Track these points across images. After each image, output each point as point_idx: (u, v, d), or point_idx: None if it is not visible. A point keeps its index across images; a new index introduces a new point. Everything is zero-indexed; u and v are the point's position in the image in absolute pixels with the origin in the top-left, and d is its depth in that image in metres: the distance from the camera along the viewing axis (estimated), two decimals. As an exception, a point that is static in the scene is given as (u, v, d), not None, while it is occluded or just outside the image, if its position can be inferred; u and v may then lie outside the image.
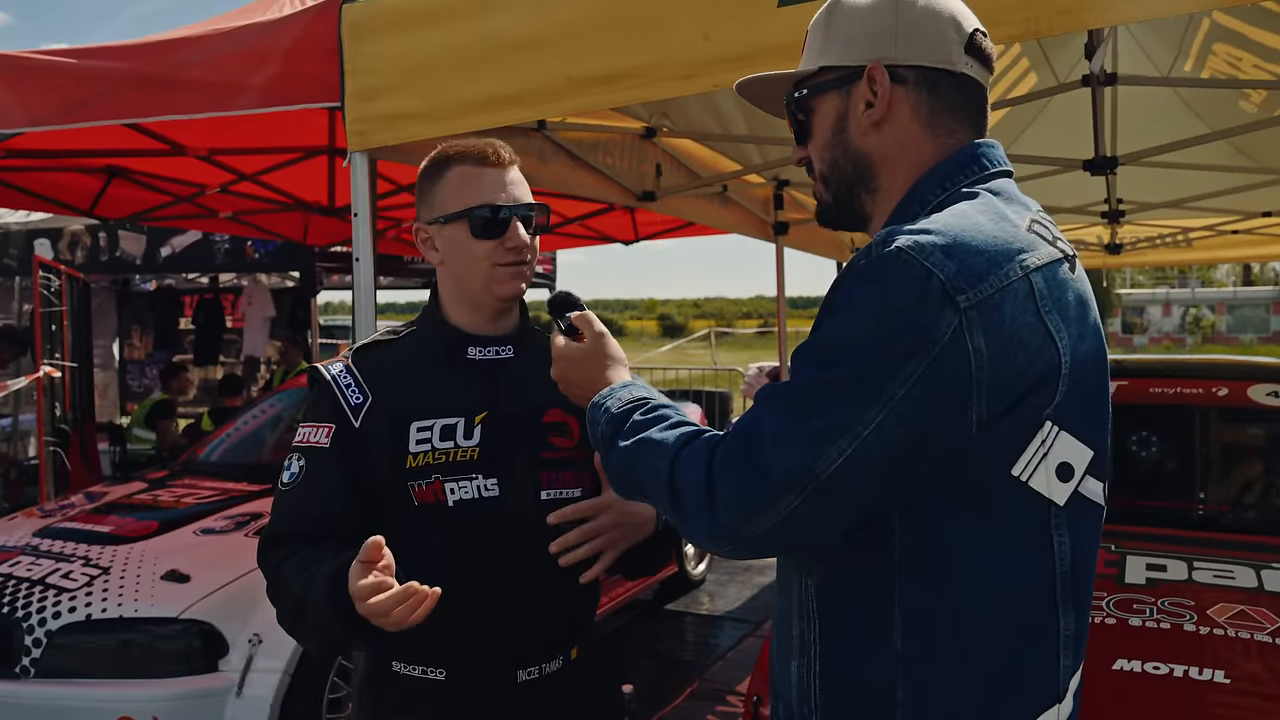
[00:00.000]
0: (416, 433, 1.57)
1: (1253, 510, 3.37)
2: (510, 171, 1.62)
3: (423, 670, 1.58)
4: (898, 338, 1.01)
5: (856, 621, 1.11)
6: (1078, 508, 1.11)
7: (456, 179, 1.60)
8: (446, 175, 1.61)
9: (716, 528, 1.07)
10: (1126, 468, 3.64)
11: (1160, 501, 3.42)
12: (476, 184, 1.58)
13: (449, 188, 1.60)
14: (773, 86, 1.31)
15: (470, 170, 1.59)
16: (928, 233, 1.05)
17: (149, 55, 2.99)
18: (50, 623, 3.20)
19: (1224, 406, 3.60)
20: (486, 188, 1.58)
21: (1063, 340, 1.07)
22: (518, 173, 1.64)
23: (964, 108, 1.21)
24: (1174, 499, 3.44)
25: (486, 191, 1.58)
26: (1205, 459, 3.57)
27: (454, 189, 1.59)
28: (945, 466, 1.05)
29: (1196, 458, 3.57)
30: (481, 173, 1.59)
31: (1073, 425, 1.08)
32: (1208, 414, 3.62)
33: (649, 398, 1.28)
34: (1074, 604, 1.12)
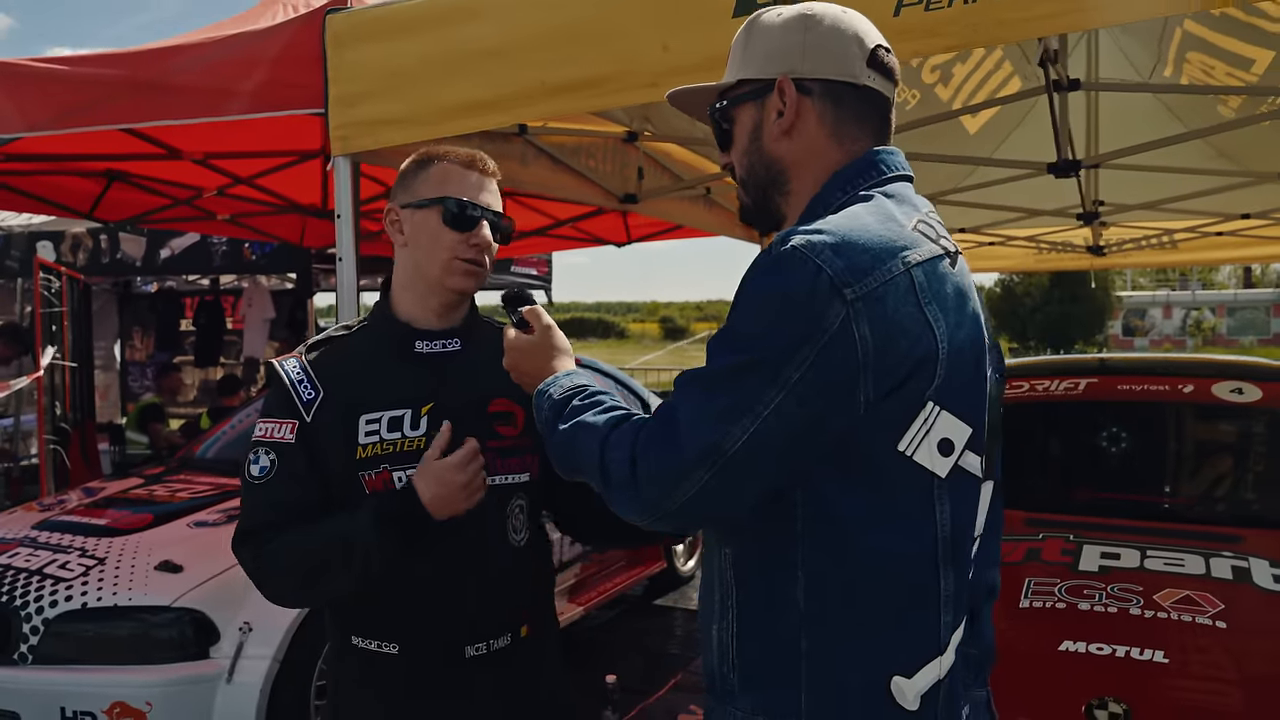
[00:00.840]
0: (365, 425, 1.66)
1: (1211, 502, 3.46)
2: (490, 182, 1.74)
3: (378, 644, 1.67)
4: (793, 327, 1.13)
5: (767, 585, 1.22)
6: (958, 479, 1.22)
7: (439, 173, 1.70)
8: (430, 169, 1.71)
9: (640, 502, 1.19)
10: (1092, 462, 3.74)
11: (1123, 494, 3.52)
12: (458, 181, 1.70)
13: (430, 179, 1.70)
14: (700, 97, 1.43)
15: (455, 169, 1.71)
16: (820, 233, 1.16)
17: (143, 62, 3.11)
18: (47, 611, 3.30)
19: (1188, 403, 3.69)
20: (467, 187, 1.70)
21: (940, 328, 1.18)
22: (496, 185, 1.75)
23: (867, 117, 1.32)
24: (1136, 492, 3.54)
25: (465, 189, 1.69)
26: (1168, 454, 3.68)
27: (435, 180, 1.70)
28: (839, 443, 1.16)
29: (1160, 452, 3.67)
30: (465, 174, 1.71)
31: (952, 405, 1.19)
32: (1172, 410, 3.72)
33: (587, 385, 1.39)
34: (954, 566, 1.23)
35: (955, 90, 4.92)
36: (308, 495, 1.65)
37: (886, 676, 1.18)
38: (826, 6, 1.33)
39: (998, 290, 42.04)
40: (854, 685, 1.19)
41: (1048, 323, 37.28)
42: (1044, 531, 3.09)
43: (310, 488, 1.65)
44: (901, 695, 1.19)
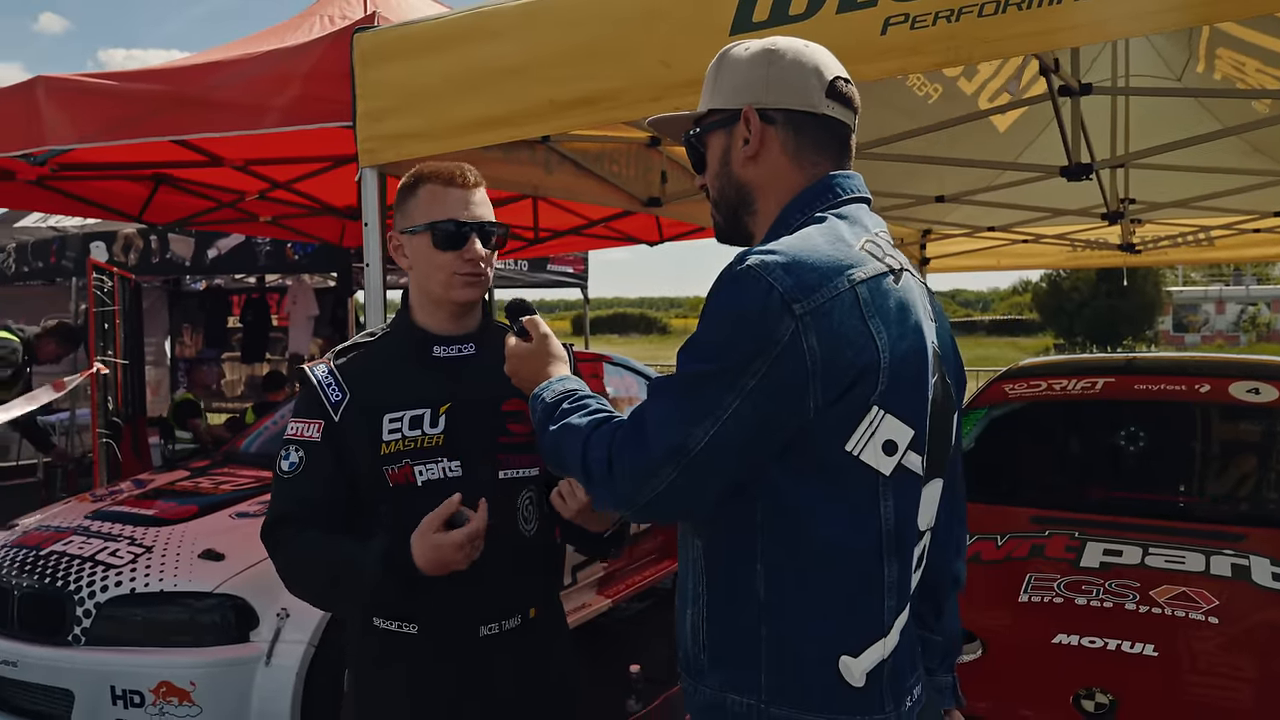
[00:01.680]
0: (389, 423, 1.80)
1: (1219, 502, 3.50)
2: (474, 193, 1.85)
3: (398, 625, 1.81)
4: (747, 339, 1.25)
5: (731, 575, 1.35)
6: (901, 477, 1.33)
7: (425, 196, 1.83)
8: (418, 192, 1.84)
9: (616, 496, 1.33)
10: (1104, 461, 3.79)
11: (1132, 493, 3.57)
12: (442, 201, 1.82)
13: (419, 203, 1.84)
14: (677, 124, 1.57)
15: (438, 189, 1.83)
16: (773, 253, 1.28)
17: (185, 78, 3.29)
18: (99, 595, 3.51)
19: (1203, 403, 3.72)
20: (451, 205, 1.82)
21: (883, 339, 1.28)
22: (483, 194, 1.87)
23: (827, 144, 1.43)
24: (1147, 491, 3.58)
25: (450, 208, 1.81)
26: (1181, 453, 3.71)
27: (423, 205, 1.83)
28: (792, 444, 1.27)
29: (1172, 452, 3.70)
30: (448, 192, 1.83)
31: (896, 409, 1.30)
32: (1187, 410, 3.75)
33: (577, 390, 1.53)
34: (897, 557, 1.34)
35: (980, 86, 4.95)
36: (332, 490, 1.79)
37: (835, 656, 1.30)
38: (790, 41, 1.45)
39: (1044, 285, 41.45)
40: (807, 664, 1.31)
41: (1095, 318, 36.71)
42: (1050, 529, 3.15)
43: (335, 483, 1.79)
44: (849, 673, 1.30)
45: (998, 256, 8.40)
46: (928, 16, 1.98)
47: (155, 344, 11.89)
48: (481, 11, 2.60)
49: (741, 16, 2.16)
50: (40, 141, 3.55)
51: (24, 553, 3.80)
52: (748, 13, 2.15)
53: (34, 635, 3.57)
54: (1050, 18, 1.92)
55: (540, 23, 2.49)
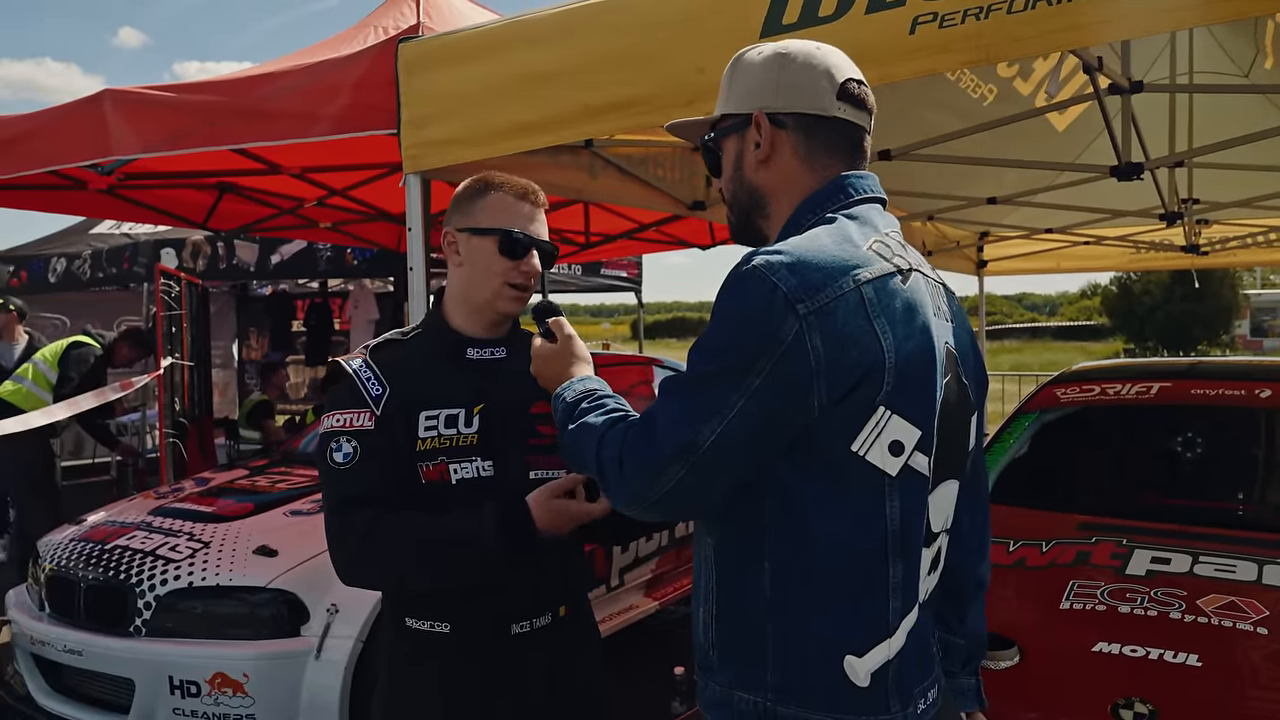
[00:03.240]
0: (425, 420, 1.84)
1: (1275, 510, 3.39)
2: (540, 212, 1.92)
3: (430, 624, 1.85)
4: (752, 339, 1.26)
5: (739, 573, 1.36)
6: (907, 478, 1.32)
7: (496, 202, 1.89)
8: (488, 196, 1.90)
9: (627, 493, 1.35)
10: (1156, 467, 3.70)
11: (1185, 500, 3.47)
12: (513, 211, 1.88)
13: (488, 206, 1.89)
14: (694, 128, 1.59)
15: (510, 199, 1.89)
16: (778, 253, 1.29)
17: (241, 89, 3.41)
18: (159, 588, 3.64)
19: (1261, 408, 3.61)
20: (519, 218, 1.88)
21: (888, 340, 1.28)
22: (544, 216, 1.94)
23: (838, 146, 1.44)
24: (1200, 498, 3.48)
25: (519, 220, 1.88)
26: (1237, 460, 3.60)
27: (492, 209, 1.88)
28: (799, 444, 1.28)
29: (1228, 458, 3.60)
30: (519, 204, 1.89)
31: (903, 409, 1.30)
32: (1243, 416, 3.64)
33: (596, 390, 1.55)
34: (902, 557, 1.33)
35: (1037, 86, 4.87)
36: (389, 476, 1.79)
37: (840, 656, 1.30)
38: (802, 44, 1.46)
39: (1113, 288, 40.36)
40: (812, 663, 1.31)
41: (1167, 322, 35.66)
42: (1097, 535, 3.09)
43: (392, 471, 1.80)
44: (854, 673, 1.30)
45: (1058, 259, 8.25)
46: (956, 15, 1.97)
47: (223, 347, 12.26)
48: (520, 20, 2.66)
49: (772, 19, 2.17)
50: (107, 152, 3.70)
51: (90, 546, 3.96)
52: (778, 15, 2.17)
53: (98, 626, 3.72)
54: (1082, 12, 1.90)
55: (577, 30, 2.53)
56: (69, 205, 5.53)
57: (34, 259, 10.45)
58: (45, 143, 3.94)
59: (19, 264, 10.57)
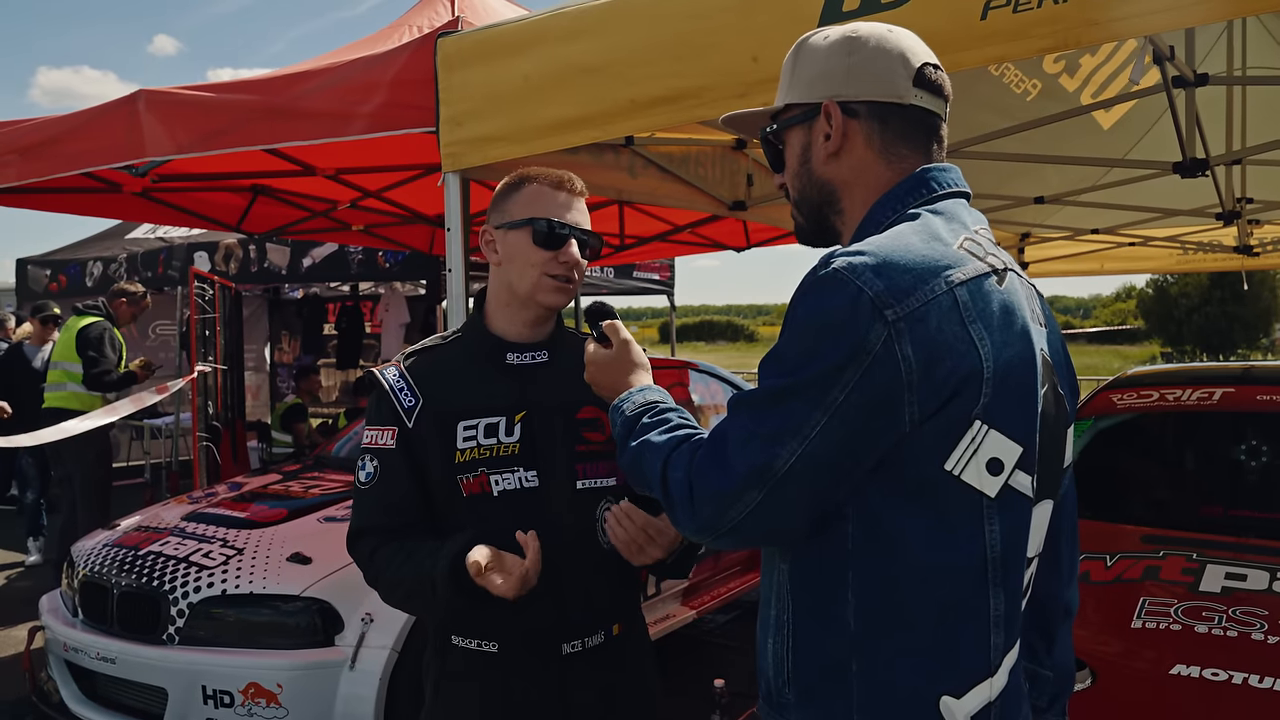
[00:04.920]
0: (463, 431, 1.75)
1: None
2: (579, 200, 1.81)
3: (478, 644, 1.76)
4: (835, 349, 1.14)
5: (820, 603, 1.24)
6: (1008, 499, 1.20)
7: (530, 193, 1.79)
8: (523, 189, 1.80)
9: (697, 520, 1.23)
10: (1224, 477, 3.54)
11: (1256, 512, 3.31)
12: (547, 201, 1.78)
13: (522, 200, 1.79)
14: (753, 120, 1.46)
15: (544, 189, 1.79)
16: (861, 254, 1.17)
17: (275, 88, 3.34)
18: (192, 596, 3.58)
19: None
20: (555, 206, 1.78)
21: (985, 347, 1.16)
22: (584, 204, 1.83)
23: (915, 135, 1.32)
24: (1272, 510, 3.32)
25: (554, 209, 1.77)
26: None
27: (526, 201, 1.79)
28: (886, 462, 1.16)
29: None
30: (554, 194, 1.79)
31: (1001, 424, 1.18)
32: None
33: (658, 402, 1.44)
34: (1004, 587, 1.20)
35: (1083, 82, 4.72)
36: (410, 499, 1.75)
37: (936, 697, 1.18)
38: (872, 27, 1.34)
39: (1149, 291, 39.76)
40: (904, 705, 1.19)
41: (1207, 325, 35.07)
42: (1165, 549, 2.94)
43: (412, 492, 1.75)
44: (951, 716, 1.18)
45: (1101, 260, 8.05)
46: None
47: (256, 350, 12.32)
48: (562, 11, 2.56)
49: (831, 5, 2.06)
50: (141, 153, 3.66)
51: (123, 552, 3.92)
52: (838, 2, 2.05)
53: (131, 633, 3.67)
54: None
55: (621, 20, 2.43)
56: (104, 208, 5.53)
57: (71, 263, 10.53)
58: (79, 144, 3.91)
59: (57, 268, 10.66)
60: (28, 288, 10.75)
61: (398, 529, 1.76)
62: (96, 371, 6.04)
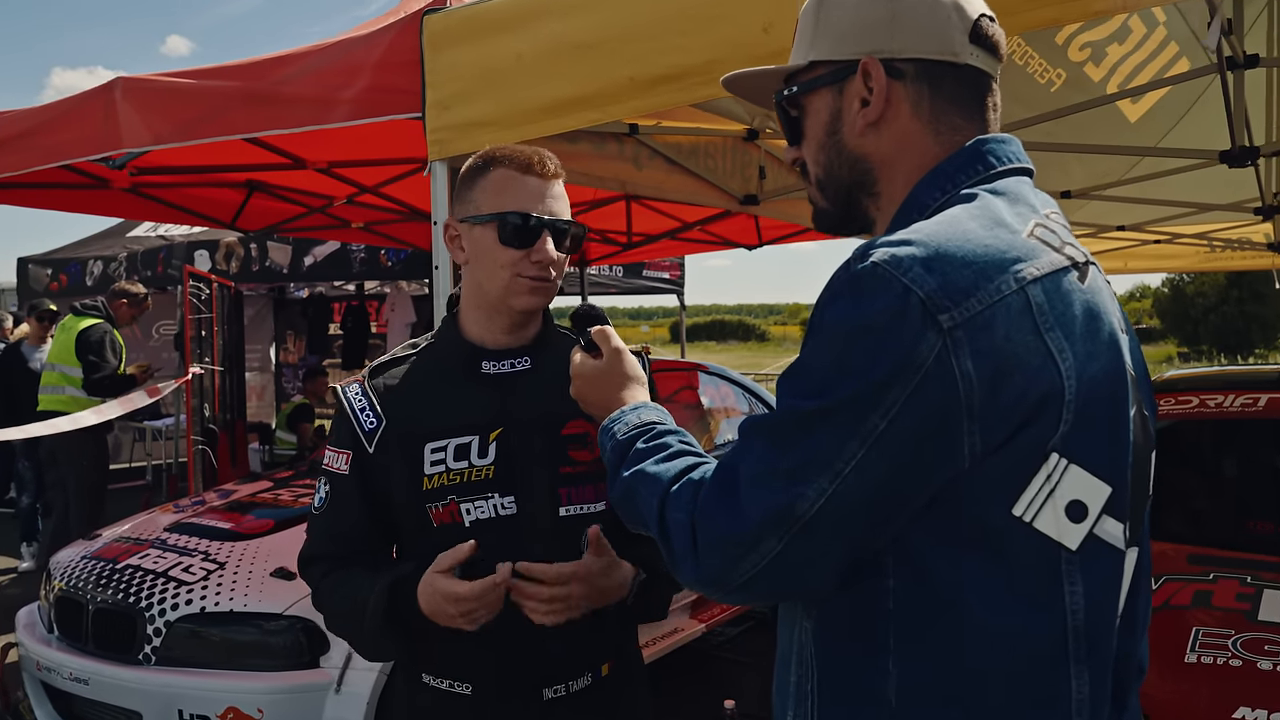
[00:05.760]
0: (430, 454, 1.55)
1: None
2: (553, 184, 1.57)
3: (449, 684, 1.56)
4: (876, 364, 0.90)
5: (851, 672, 1.01)
6: (1094, 552, 0.97)
7: (496, 181, 1.55)
8: (488, 175, 1.57)
9: (701, 572, 1.00)
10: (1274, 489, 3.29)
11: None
12: (514, 189, 1.54)
13: (487, 188, 1.56)
14: (763, 82, 1.21)
15: (512, 175, 1.55)
16: (907, 244, 0.94)
17: (255, 74, 3.13)
18: (169, 613, 3.37)
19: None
20: (524, 195, 1.54)
21: (1066, 360, 0.93)
22: (561, 187, 1.59)
23: (969, 101, 1.09)
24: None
25: (523, 199, 1.53)
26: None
27: (491, 191, 1.55)
28: (939, 505, 0.94)
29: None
30: (523, 180, 1.54)
31: (1085, 457, 0.95)
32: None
33: (655, 423, 1.21)
34: (1089, 664, 0.97)
35: (1109, 71, 4.48)
36: (359, 527, 1.60)
37: None
38: None
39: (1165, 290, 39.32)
40: None
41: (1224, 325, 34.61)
42: (1215, 571, 2.70)
43: (362, 521, 1.59)
44: None
45: (1125, 259, 7.79)
46: (1089, -45, 1.62)
47: (260, 351, 12.18)
48: (557, -17, 2.34)
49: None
50: (117, 144, 3.45)
51: (101, 565, 3.72)
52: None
53: (106, 653, 3.47)
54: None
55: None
56: (93, 204, 5.32)
57: (71, 262, 10.40)
58: (56, 136, 3.71)
59: (58, 267, 10.53)
60: (29, 287, 10.62)
61: (346, 557, 1.60)
62: (98, 377, 5.88)
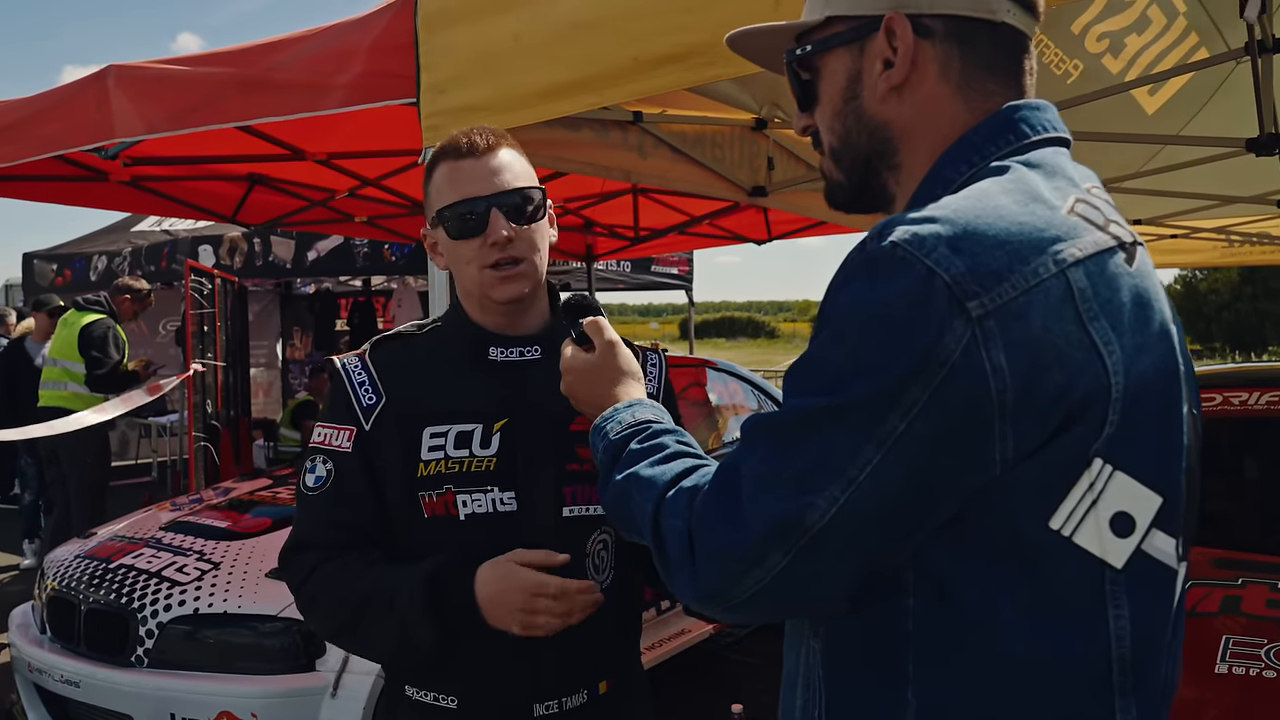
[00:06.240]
0: (429, 438, 1.45)
1: None
2: (489, 159, 1.45)
3: (434, 697, 1.47)
4: (894, 356, 0.80)
5: (864, 700, 0.91)
6: (1141, 570, 0.86)
7: (439, 177, 1.47)
8: (434, 174, 1.49)
9: (699, 586, 0.91)
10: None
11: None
12: (454, 179, 1.45)
13: (436, 187, 1.48)
14: (772, 40, 1.10)
15: (450, 165, 1.46)
16: (931, 221, 0.83)
17: (249, 60, 3.05)
18: (161, 615, 3.29)
19: None
20: (462, 182, 1.44)
21: (1113, 354, 0.83)
22: (504, 157, 1.47)
23: (1003, 65, 0.98)
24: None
25: (462, 185, 1.44)
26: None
27: (439, 189, 1.47)
28: (965, 516, 0.84)
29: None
30: (458, 165, 1.45)
31: (1132, 464, 0.84)
32: None
33: (651, 421, 1.11)
34: (1135, 696, 0.87)
35: (1128, 63, 4.37)
36: (364, 511, 1.48)
37: None
38: None
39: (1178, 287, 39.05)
40: None
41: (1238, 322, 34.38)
42: (1244, 576, 2.59)
43: (367, 502, 1.48)
44: None
45: (1142, 255, 7.64)
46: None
47: (267, 347, 12.11)
48: (557, -39, 2.24)
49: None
50: (109, 134, 3.37)
51: (94, 565, 3.64)
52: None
53: (98, 654, 3.39)
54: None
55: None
56: (91, 198, 5.23)
57: (76, 257, 10.36)
58: (49, 126, 3.62)
59: (62, 262, 10.49)
60: (34, 282, 10.59)
61: (346, 547, 1.47)
62: (101, 373, 5.82)
